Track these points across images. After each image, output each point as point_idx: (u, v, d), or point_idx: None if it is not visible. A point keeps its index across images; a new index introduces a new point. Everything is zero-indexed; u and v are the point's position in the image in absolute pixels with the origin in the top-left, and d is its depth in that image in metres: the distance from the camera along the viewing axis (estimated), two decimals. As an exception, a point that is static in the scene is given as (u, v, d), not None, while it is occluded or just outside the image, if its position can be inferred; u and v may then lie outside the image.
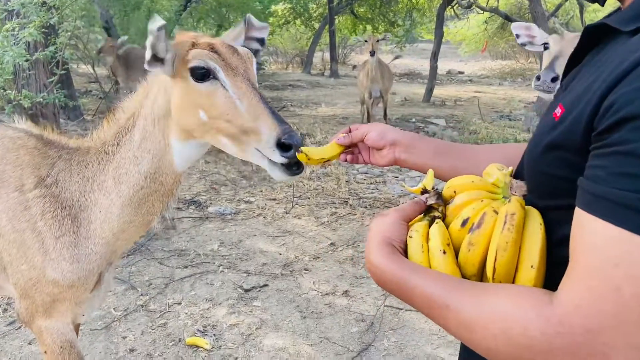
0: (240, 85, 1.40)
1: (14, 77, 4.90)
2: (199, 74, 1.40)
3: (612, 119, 0.62)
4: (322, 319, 3.23)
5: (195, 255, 4.05)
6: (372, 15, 17.50)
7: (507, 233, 0.78)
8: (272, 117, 1.36)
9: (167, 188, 1.58)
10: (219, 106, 1.40)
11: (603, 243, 0.61)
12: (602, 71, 0.68)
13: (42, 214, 1.57)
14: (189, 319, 3.18)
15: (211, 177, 5.99)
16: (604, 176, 0.62)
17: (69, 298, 1.62)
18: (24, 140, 1.65)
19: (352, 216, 4.96)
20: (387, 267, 0.82)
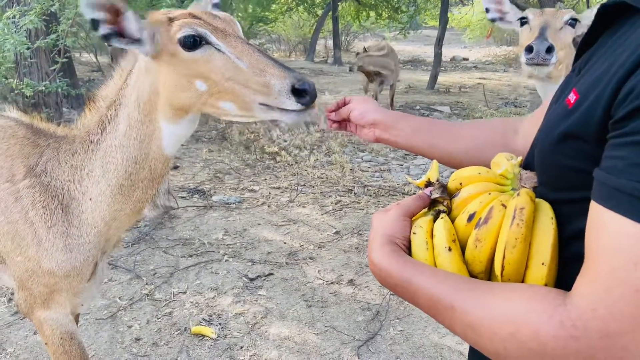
0: (235, 44, 1.36)
1: (15, 65, 4.86)
2: (189, 43, 1.34)
3: (632, 105, 0.57)
4: (327, 308, 3.22)
5: (200, 244, 4.04)
6: (376, 1, 17.29)
7: (516, 229, 0.74)
8: (279, 67, 1.32)
9: (156, 173, 1.55)
10: (219, 69, 1.35)
11: (621, 240, 0.57)
12: (620, 54, 0.63)
13: (33, 204, 1.56)
14: (194, 308, 3.18)
15: (215, 166, 5.97)
16: (622, 167, 0.57)
17: (65, 288, 1.62)
18: (14, 129, 1.64)
19: (356, 204, 4.93)
20: (390, 266, 0.79)
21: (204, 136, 7.23)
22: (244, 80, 1.33)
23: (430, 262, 0.81)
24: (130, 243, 3.98)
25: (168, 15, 1.40)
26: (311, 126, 6.91)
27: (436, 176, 0.91)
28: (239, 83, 1.34)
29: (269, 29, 17.94)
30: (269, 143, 6.62)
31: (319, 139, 7.02)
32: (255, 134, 7.04)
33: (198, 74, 1.37)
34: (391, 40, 22.02)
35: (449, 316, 0.71)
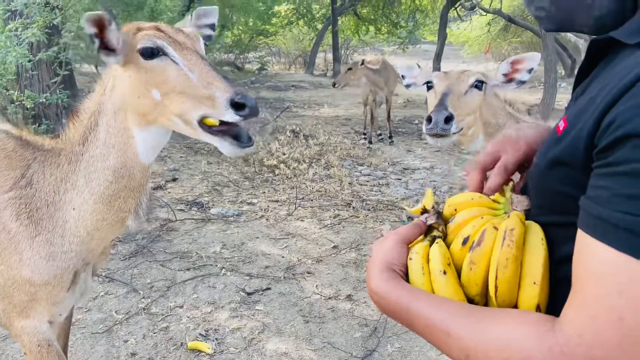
0: (189, 57, 1.44)
1: (16, 77, 4.88)
2: (147, 53, 1.44)
3: (613, 136, 0.60)
4: (325, 324, 3.21)
5: (197, 257, 4.03)
6: (375, 16, 17.47)
7: (506, 249, 0.76)
8: (223, 81, 1.39)
9: (136, 182, 1.59)
10: (172, 80, 1.43)
11: (606, 269, 0.59)
12: (605, 86, 0.65)
13: (18, 215, 1.59)
14: (190, 323, 3.16)
15: (213, 179, 5.97)
16: (606, 197, 0.60)
17: (45, 297, 1.64)
18: (3, 141, 1.68)
19: (355, 219, 4.93)
20: (387, 293, 0.81)
21: (203, 148, 7.24)
22: (192, 92, 1.40)
23: (427, 286, 0.83)
24: (128, 256, 3.97)
25: (137, 26, 1.50)
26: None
27: (432, 203, 0.94)
28: (187, 94, 1.41)
29: (269, 42, 18.09)
30: (268, 156, 6.63)
31: (317, 152, 7.04)
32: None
33: (154, 83, 1.45)
34: (390, 55, 22.19)
35: (444, 341, 0.73)
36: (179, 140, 7.71)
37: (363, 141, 8.10)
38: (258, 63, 16.14)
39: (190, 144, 7.48)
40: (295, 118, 9.71)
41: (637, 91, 0.59)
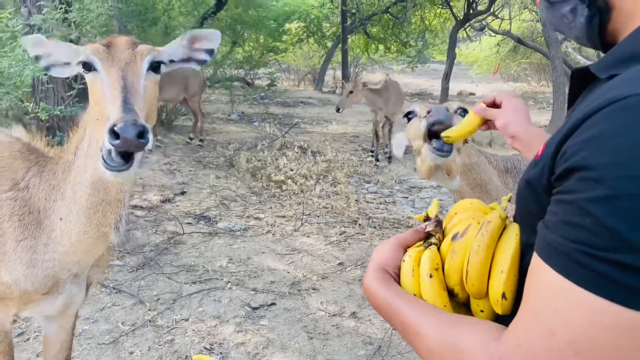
0: (112, 74, 1.42)
1: (32, 89, 4.99)
2: (85, 67, 1.48)
3: (562, 167, 0.65)
4: (329, 341, 3.21)
5: (203, 271, 4.05)
6: (385, 35, 17.64)
7: (480, 237, 0.82)
8: (121, 104, 1.33)
9: (112, 196, 1.56)
10: (95, 94, 1.46)
11: (546, 288, 0.64)
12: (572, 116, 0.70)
13: (10, 215, 1.61)
14: (196, 336, 3.18)
15: (221, 193, 6.02)
16: (553, 222, 0.65)
17: (17, 297, 1.65)
18: (11, 144, 1.73)
19: (361, 236, 4.95)
20: (377, 290, 0.88)
21: (212, 162, 7.32)
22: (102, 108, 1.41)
23: (415, 287, 0.89)
24: (135, 268, 4.01)
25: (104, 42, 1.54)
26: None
27: (435, 212, 0.99)
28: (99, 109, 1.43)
29: (280, 59, 18.29)
30: (275, 171, 6.68)
31: (325, 168, 7.09)
32: (262, 161, 7.11)
33: (91, 94, 1.50)
34: (399, 73, 22.33)
35: (415, 339, 0.80)
36: (189, 154, 7.80)
37: (370, 158, 8.14)
38: (268, 79, 16.30)
39: (199, 157, 7.56)
40: (304, 134, 9.79)
41: (586, 127, 0.64)
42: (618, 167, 0.58)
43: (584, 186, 0.61)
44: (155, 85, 1.53)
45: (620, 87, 0.65)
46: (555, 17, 0.89)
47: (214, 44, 1.69)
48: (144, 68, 1.47)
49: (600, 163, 0.60)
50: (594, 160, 0.60)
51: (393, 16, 16.11)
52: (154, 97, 1.52)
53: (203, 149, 8.20)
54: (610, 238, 0.58)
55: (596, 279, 0.59)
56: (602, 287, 0.59)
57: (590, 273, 0.59)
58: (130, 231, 4.61)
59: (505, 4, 14.97)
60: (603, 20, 0.80)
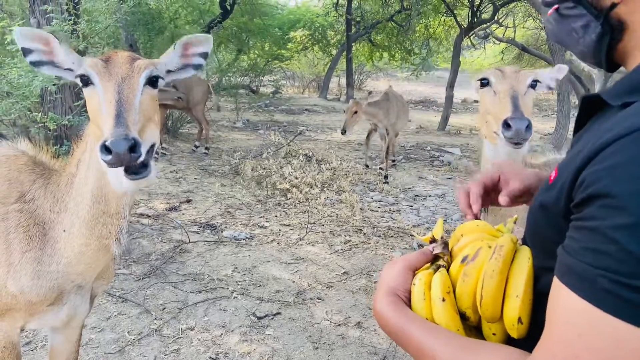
0: (108, 88, 1.45)
1: (40, 99, 5.05)
2: (83, 81, 1.51)
3: (584, 194, 0.66)
4: (334, 351, 3.22)
5: (209, 279, 4.07)
6: (389, 43, 17.72)
7: (493, 262, 0.83)
8: (114, 119, 1.37)
9: (112, 209, 1.59)
10: (92, 109, 1.49)
11: (569, 313, 0.65)
12: (588, 142, 0.72)
13: (16, 227, 1.63)
14: (201, 346, 3.19)
15: (227, 201, 6.05)
16: (575, 248, 0.66)
17: (24, 309, 1.66)
18: (17, 158, 1.75)
19: (365, 245, 4.96)
20: (388, 315, 0.88)
21: (217, 171, 7.36)
22: (98, 122, 1.45)
23: (426, 311, 0.88)
24: (141, 277, 4.03)
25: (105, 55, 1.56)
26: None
27: (441, 233, 1.00)
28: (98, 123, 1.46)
29: (284, 66, 18.39)
30: (280, 180, 6.71)
31: (329, 177, 7.11)
32: (267, 170, 7.14)
33: (88, 107, 1.52)
34: (403, 81, 22.35)
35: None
36: (194, 162, 7.84)
37: (375, 167, 8.16)
38: (273, 86, 16.40)
39: (204, 166, 7.60)
40: (308, 142, 9.82)
41: (606, 155, 0.65)
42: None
43: (607, 213, 0.62)
44: (153, 100, 1.55)
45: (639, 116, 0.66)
46: (564, 30, 0.89)
47: (206, 47, 1.71)
48: (140, 83, 1.50)
49: (622, 190, 0.61)
50: (616, 188, 0.62)
51: (397, 24, 16.19)
52: (152, 111, 1.54)
53: (208, 157, 8.25)
54: (635, 265, 0.60)
55: (622, 305, 0.60)
56: (628, 312, 0.60)
57: (616, 299, 0.61)
58: (136, 239, 4.65)
59: (509, 12, 15.02)
60: (614, 40, 0.80)
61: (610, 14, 0.79)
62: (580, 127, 0.88)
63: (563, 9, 0.87)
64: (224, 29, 13.69)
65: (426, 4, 14.42)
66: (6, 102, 4.26)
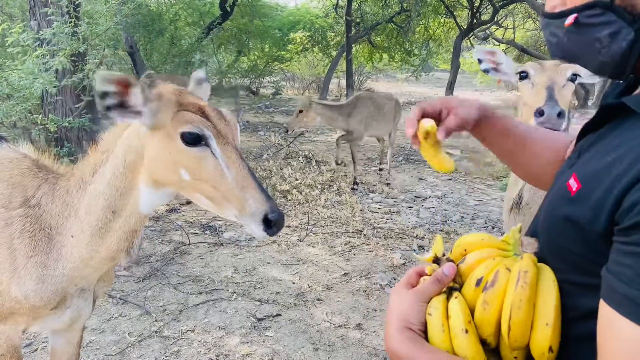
0: (230, 154, 1.44)
1: (41, 101, 5.06)
2: (190, 139, 1.43)
3: (636, 219, 0.63)
4: (334, 352, 3.22)
5: (209, 281, 4.08)
6: (389, 44, 17.72)
7: (520, 291, 0.78)
8: (260, 192, 1.40)
9: (130, 226, 1.60)
10: (207, 172, 1.43)
11: (635, 347, 0.62)
12: (622, 155, 0.69)
13: (21, 232, 1.61)
14: (202, 347, 3.20)
15: (227, 203, 6.05)
16: (631, 276, 0.63)
17: (27, 313, 1.66)
18: (19, 161, 1.74)
19: (366, 246, 4.96)
20: (407, 354, 0.82)
21: (217, 172, 7.35)
22: (224, 188, 1.42)
23: (446, 343, 0.83)
24: (142, 278, 4.04)
25: (178, 99, 1.49)
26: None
27: (442, 250, 0.95)
28: (218, 188, 1.42)
29: (284, 68, 18.41)
30: (280, 181, 6.71)
31: (329, 178, 7.11)
32: (267, 171, 7.15)
33: (186, 166, 1.45)
34: (403, 82, 22.33)
35: None
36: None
37: (374, 168, 8.17)
38: (273, 88, 16.42)
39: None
40: (308, 143, 9.83)
41: None
42: None
43: None
44: None
45: None
46: (582, 41, 0.81)
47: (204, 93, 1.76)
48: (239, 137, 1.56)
49: None
50: None
51: (397, 25, 16.20)
52: None
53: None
54: None
55: None
56: None
57: None
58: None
59: (508, 13, 15.04)
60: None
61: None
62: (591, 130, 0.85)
63: (584, 18, 0.79)
64: (223, 30, 13.71)
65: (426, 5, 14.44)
66: (7, 104, 4.28)
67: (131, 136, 1.55)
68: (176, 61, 9.68)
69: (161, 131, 1.46)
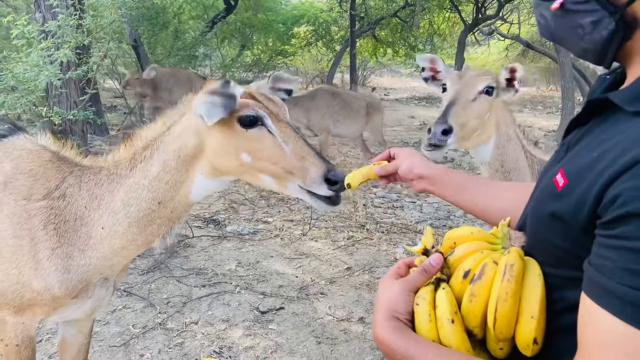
0: (285, 130, 1.54)
1: (45, 94, 5.07)
2: (247, 121, 1.53)
3: (618, 212, 0.63)
4: (337, 345, 3.24)
5: (213, 274, 4.10)
6: (393, 39, 17.66)
7: (506, 284, 0.80)
8: (317, 157, 1.51)
9: (176, 214, 1.66)
10: (266, 149, 1.52)
11: (613, 338, 0.63)
12: (606, 151, 0.69)
13: (45, 225, 1.62)
14: (205, 339, 3.22)
15: (230, 196, 6.07)
16: (611, 269, 0.64)
17: (48, 304, 1.66)
18: (39, 153, 1.73)
19: (368, 241, 4.97)
20: (393, 342, 0.83)
21: (221, 166, 7.36)
22: (284, 162, 1.50)
23: (433, 333, 0.85)
24: (145, 271, 4.06)
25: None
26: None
27: (432, 242, 0.97)
28: (279, 163, 1.51)
29: (288, 62, 18.38)
30: (284, 175, 6.71)
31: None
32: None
33: (247, 148, 1.53)
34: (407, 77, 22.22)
35: None
36: (198, 157, 7.86)
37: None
38: (277, 82, 16.34)
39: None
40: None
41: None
42: None
43: None
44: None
45: None
46: (566, 26, 0.83)
47: (292, 86, 1.86)
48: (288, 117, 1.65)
49: None
50: None
51: (401, 20, 16.14)
52: None
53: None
54: None
55: None
56: None
57: None
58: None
59: (514, 8, 14.95)
60: (625, 37, 0.76)
61: (626, 10, 0.75)
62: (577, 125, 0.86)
63: (570, 4, 0.81)
64: (227, 24, 13.68)
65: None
66: (12, 96, 4.29)
67: (186, 133, 1.60)
68: (180, 55, 9.67)
69: (220, 122, 1.52)
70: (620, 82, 0.84)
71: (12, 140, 1.79)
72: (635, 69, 0.78)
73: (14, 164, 1.69)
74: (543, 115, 15.39)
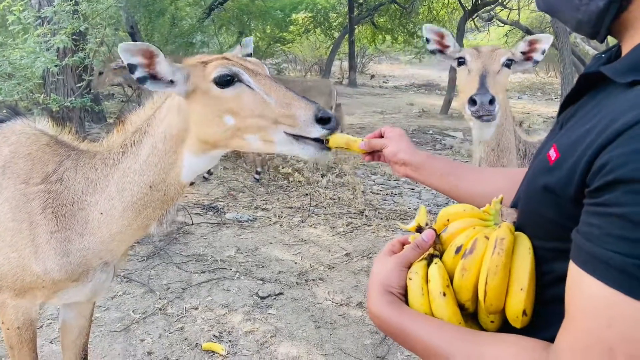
0: (264, 82, 1.49)
1: (42, 81, 5.04)
2: (223, 81, 1.48)
3: (605, 179, 0.63)
4: (336, 330, 3.26)
5: (212, 260, 4.12)
6: (392, 25, 17.55)
7: (496, 257, 0.81)
8: (303, 100, 1.46)
9: (169, 197, 1.65)
10: (248, 104, 1.47)
11: (597, 303, 0.63)
12: (597, 123, 0.69)
13: (44, 208, 1.63)
14: (205, 324, 3.24)
15: (229, 184, 6.08)
16: (598, 235, 0.64)
17: (48, 287, 1.68)
18: (38, 137, 1.73)
19: (367, 227, 4.99)
20: (387, 316, 0.85)
21: (219, 153, 7.35)
22: (271, 114, 1.45)
23: (425, 306, 0.87)
24: (145, 257, 4.08)
25: (201, 60, 1.54)
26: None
27: (425, 220, 0.98)
28: (266, 116, 1.46)
29: (286, 49, 18.26)
30: (283, 163, 6.72)
31: (331, 160, 7.11)
32: (270, 153, 7.15)
33: (228, 110, 1.49)
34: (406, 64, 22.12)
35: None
36: (196, 144, 7.84)
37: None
38: (275, 69, 16.29)
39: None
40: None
41: (629, 138, 0.62)
42: None
43: (636, 199, 0.60)
44: None
45: None
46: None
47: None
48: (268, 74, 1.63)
49: None
50: None
51: (400, 6, 16.02)
52: None
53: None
54: None
55: None
56: None
57: None
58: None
59: (513, -6, 14.84)
60: (621, 8, 0.76)
61: None
62: (571, 102, 0.85)
63: None
64: (225, 11, 13.57)
65: (430, -15, 14.26)
66: (8, 83, 4.26)
67: (170, 114, 1.59)
68: (177, 42, 9.60)
69: (197, 92, 1.51)
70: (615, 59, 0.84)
71: (10, 124, 1.79)
72: (629, 43, 0.77)
73: (12, 147, 1.69)
74: (542, 102, 15.37)
